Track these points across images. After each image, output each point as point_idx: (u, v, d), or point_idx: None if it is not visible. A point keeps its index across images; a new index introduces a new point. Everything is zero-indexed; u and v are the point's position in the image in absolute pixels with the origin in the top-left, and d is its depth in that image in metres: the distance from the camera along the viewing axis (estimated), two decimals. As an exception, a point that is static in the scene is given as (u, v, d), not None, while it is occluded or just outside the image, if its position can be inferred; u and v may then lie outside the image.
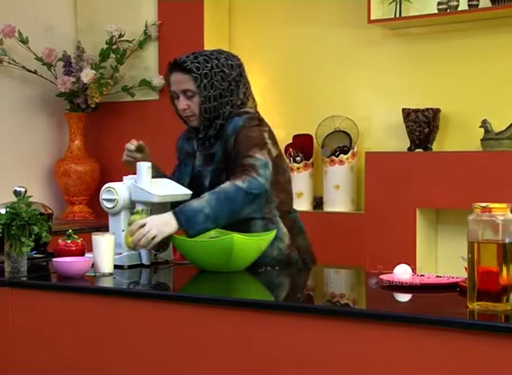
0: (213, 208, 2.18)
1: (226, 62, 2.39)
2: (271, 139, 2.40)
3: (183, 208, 2.21)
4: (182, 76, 2.36)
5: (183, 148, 2.58)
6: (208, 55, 2.38)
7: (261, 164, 2.23)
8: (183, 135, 2.63)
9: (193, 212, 2.17)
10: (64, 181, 4.18)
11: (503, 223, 1.70)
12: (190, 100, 2.38)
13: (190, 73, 2.34)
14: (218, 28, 4.13)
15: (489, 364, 1.62)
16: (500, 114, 3.42)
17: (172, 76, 2.39)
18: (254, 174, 2.20)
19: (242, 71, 2.43)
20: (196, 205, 2.18)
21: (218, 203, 2.18)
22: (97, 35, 4.20)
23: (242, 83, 2.42)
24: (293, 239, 2.47)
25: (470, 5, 3.41)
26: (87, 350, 2.14)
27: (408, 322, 1.72)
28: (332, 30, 3.88)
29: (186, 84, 2.36)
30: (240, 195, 2.18)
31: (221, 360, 1.93)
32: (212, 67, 2.35)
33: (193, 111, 2.40)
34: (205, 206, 2.17)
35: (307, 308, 1.88)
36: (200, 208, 2.17)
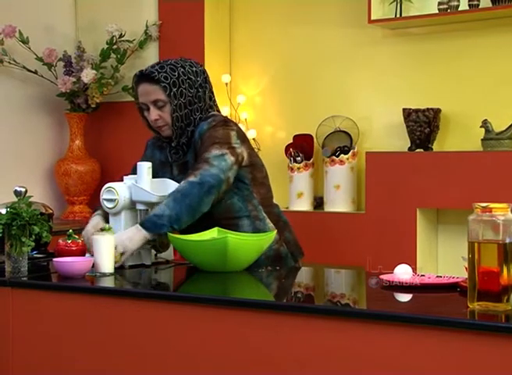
0: (172, 208, 2.22)
1: (191, 68, 2.40)
2: (239, 138, 2.40)
3: (147, 217, 2.27)
4: (150, 86, 2.37)
5: (155, 157, 2.56)
6: (173, 64, 2.39)
7: (214, 156, 2.26)
8: (151, 144, 2.60)
9: (156, 217, 2.23)
10: (64, 181, 4.18)
11: (504, 223, 1.70)
12: (160, 110, 2.38)
13: (159, 83, 2.35)
14: (219, 28, 4.13)
15: (490, 364, 1.61)
16: (501, 114, 3.42)
17: (140, 88, 2.39)
18: (207, 166, 2.24)
19: (206, 77, 2.45)
20: (157, 211, 2.24)
21: (176, 203, 2.22)
22: (98, 35, 4.20)
23: (207, 89, 2.44)
24: (280, 233, 2.48)
25: (470, 5, 3.41)
26: (88, 350, 2.14)
27: (408, 322, 1.71)
28: (332, 30, 3.88)
29: (155, 95, 2.37)
30: (195, 189, 2.21)
31: (221, 360, 1.93)
32: (179, 75, 2.36)
33: (165, 120, 2.40)
34: (165, 209, 2.23)
35: (306, 308, 1.88)
36: (161, 213, 2.23)
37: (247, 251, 2.32)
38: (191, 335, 1.98)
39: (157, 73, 2.35)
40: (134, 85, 2.42)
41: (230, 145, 2.34)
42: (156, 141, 2.57)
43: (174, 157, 2.47)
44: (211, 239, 2.36)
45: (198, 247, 2.33)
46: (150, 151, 2.59)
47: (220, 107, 4.07)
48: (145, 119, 2.47)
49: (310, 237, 3.70)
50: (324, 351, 1.80)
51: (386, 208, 3.45)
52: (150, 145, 2.61)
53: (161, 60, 2.46)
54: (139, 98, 2.41)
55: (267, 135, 4.09)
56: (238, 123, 4.01)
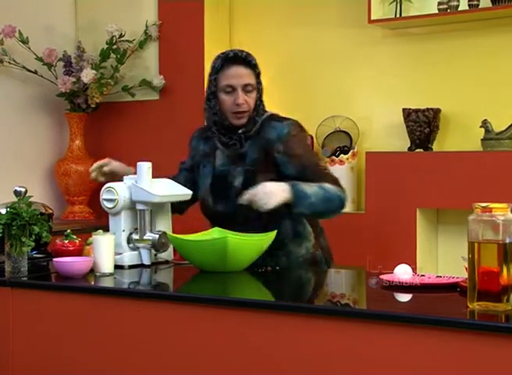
0: (317, 200, 2.28)
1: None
2: None
3: (297, 187, 2.28)
4: (245, 70, 2.36)
5: (199, 149, 2.56)
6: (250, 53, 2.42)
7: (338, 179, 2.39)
8: (197, 135, 2.61)
9: (304, 194, 2.27)
10: (64, 181, 4.18)
11: (504, 223, 1.70)
12: (247, 95, 2.37)
13: (254, 68, 2.37)
14: (219, 28, 4.13)
15: (490, 364, 1.61)
16: (501, 114, 3.42)
17: (233, 70, 2.36)
18: (342, 189, 2.37)
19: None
20: (308, 191, 2.28)
21: (322, 199, 2.29)
22: (98, 35, 4.20)
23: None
24: (316, 239, 2.52)
25: (470, 5, 3.41)
26: (88, 350, 2.14)
27: (408, 322, 1.72)
28: (332, 31, 3.88)
29: (248, 79, 2.36)
30: (337, 202, 2.34)
31: (221, 360, 1.93)
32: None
33: (249, 106, 2.38)
34: (313, 195, 2.28)
35: (306, 309, 1.88)
36: (309, 195, 2.28)
37: (247, 252, 2.32)
38: (191, 335, 1.98)
39: (251, 59, 2.38)
40: (220, 65, 2.38)
41: None
42: (202, 132, 2.57)
43: (230, 146, 2.43)
44: (211, 239, 2.36)
45: (198, 247, 2.33)
46: (195, 142, 2.60)
47: (220, 107, 4.13)
48: (216, 102, 2.41)
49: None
50: (324, 352, 1.80)
51: (386, 209, 3.45)
52: (195, 137, 2.61)
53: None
54: (225, 79, 2.37)
55: (267, 135, 4.08)
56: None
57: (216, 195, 2.44)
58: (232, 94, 2.37)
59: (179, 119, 4.09)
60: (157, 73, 4.14)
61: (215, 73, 2.39)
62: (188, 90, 4.06)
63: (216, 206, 2.46)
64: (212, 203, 2.46)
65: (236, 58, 2.37)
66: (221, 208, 2.46)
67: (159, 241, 2.44)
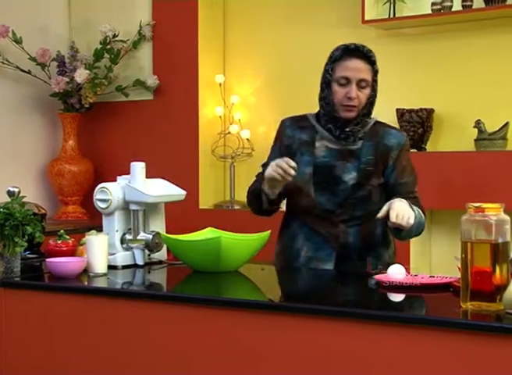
0: (415, 223, 2.26)
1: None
2: None
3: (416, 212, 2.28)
4: (363, 64, 2.32)
5: (296, 137, 2.45)
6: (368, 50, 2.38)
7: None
8: (289, 124, 2.50)
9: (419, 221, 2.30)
10: (58, 181, 4.17)
11: (496, 223, 1.70)
12: (360, 90, 2.33)
13: (373, 65, 2.33)
14: (213, 28, 4.13)
15: (483, 363, 1.62)
16: (494, 114, 3.43)
17: (352, 62, 2.33)
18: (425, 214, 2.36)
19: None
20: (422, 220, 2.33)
21: (418, 223, 2.29)
22: (91, 35, 4.20)
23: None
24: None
25: (464, 6, 3.41)
26: (81, 350, 2.14)
27: (402, 322, 1.72)
28: (326, 31, 3.88)
29: (365, 74, 2.32)
30: (422, 227, 2.35)
31: (213, 360, 1.93)
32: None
33: (360, 101, 2.33)
34: (423, 222, 2.34)
35: (298, 309, 1.87)
36: (423, 223, 2.35)
37: (240, 252, 2.32)
38: (184, 335, 1.98)
39: (372, 55, 2.34)
40: (339, 56, 2.37)
41: None
42: (294, 121, 2.49)
43: (342, 140, 2.37)
44: (205, 239, 2.36)
45: (192, 247, 2.33)
46: (290, 131, 2.47)
47: (214, 107, 4.13)
48: (328, 93, 2.37)
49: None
50: (317, 352, 1.80)
51: (380, 209, 3.45)
52: (288, 126, 2.50)
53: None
54: (342, 70, 2.34)
55: (260, 135, 4.08)
56: (232, 124, 4.04)
57: (319, 186, 2.36)
58: (345, 86, 2.33)
59: (173, 119, 4.09)
60: (151, 73, 4.14)
61: (331, 62, 2.37)
62: (182, 90, 4.06)
63: (318, 197, 2.36)
64: (314, 193, 2.37)
65: (357, 51, 2.34)
66: (323, 201, 2.36)
67: (153, 241, 2.44)
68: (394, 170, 2.37)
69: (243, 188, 4.14)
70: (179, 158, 4.06)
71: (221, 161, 4.10)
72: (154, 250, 2.46)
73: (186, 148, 4.06)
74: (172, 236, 2.39)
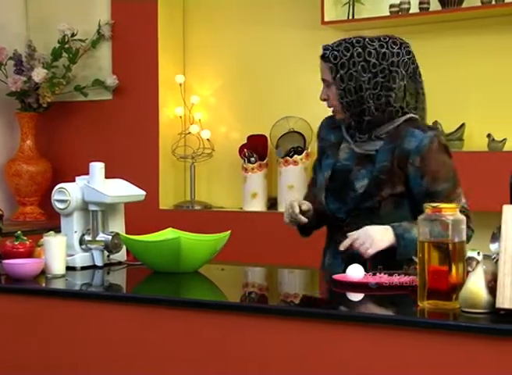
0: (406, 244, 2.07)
1: (376, 49, 2.12)
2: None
3: (405, 234, 2.06)
4: (322, 64, 2.20)
5: (327, 138, 2.31)
6: (353, 43, 2.15)
7: (471, 215, 2.08)
8: (325, 124, 2.36)
9: (412, 239, 1.99)
10: (15, 182, 4.11)
11: (453, 222, 1.73)
12: (328, 90, 2.19)
13: (327, 62, 2.17)
14: (173, 28, 4.12)
15: (439, 361, 1.64)
16: (450, 115, 3.48)
17: (320, 64, 2.22)
18: (471, 225, 2.08)
19: (400, 61, 2.15)
20: (415, 237, 1.85)
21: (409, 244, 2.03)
22: (49, 34, 4.15)
23: (398, 76, 2.15)
24: None
25: (421, 8, 3.46)
26: (38, 352, 2.11)
27: (360, 321, 1.73)
28: (286, 32, 3.90)
29: (323, 73, 2.19)
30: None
31: (172, 360, 1.93)
32: (352, 56, 2.13)
33: (331, 103, 2.20)
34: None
35: (257, 309, 1.88)
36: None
37: (201, 252, 2.32)
38: (144, 336, 1.97)
39: (328, 52, 2.16)
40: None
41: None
42: (330, 121, 2.33)
43: (358, 141, 2.20)
44: (164, 240, 2.36)
45: (151, 247, 2.32)
46: (325, 132, 2.34)
47: (174, 107, 4.12)
48: None
49: (264, 237, 3.71)
50: (275, 351, 1.80)
51: (339, 209, 3.48)
52: (324, 126, 2.36)
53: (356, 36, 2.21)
54: None
55: (221, 136, 4.09)
56: (192, 124, 4.03)
57: (332, 192, 2.21)
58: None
59: (133, 119, 4.07)
60: (110, 72, 4.11)
61: None
62: (142, 90, 4.04)
63: (330, 205, 2.22)
64: (326, 200, 2.23)
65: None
66: (334, 209, 2.22)
67: (112, 241, 2.42)
68: (423, 179, 2.10)
69: (203, 188, 4.16)
70: (139, 159, 4.04)
71: (181, 161, 4.09)
72: (114, 251, 2.44)
73: (146, 148, 4.04)
74: (132, 236, 2.38)
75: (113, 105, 4.11)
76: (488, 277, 1.66)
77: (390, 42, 2.17)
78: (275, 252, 3.50)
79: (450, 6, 3.38)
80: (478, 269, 1.67)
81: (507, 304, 1.61)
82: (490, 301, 1.64)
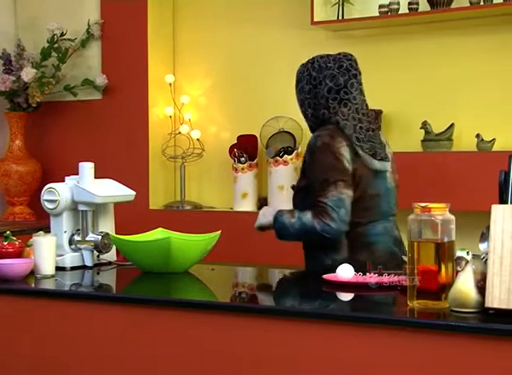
0: (294, 230, 2.29)
1: (321, 64, 2.36)
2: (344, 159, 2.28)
3: (279, 218, 2.32)
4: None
5: None
6: (310, 60, 2.41)
7: (335, 206, 2.22)
8: None
9: (283, 225, 2.30)
10: (4, 182, 4.10)
11: (442, 222, 1.74)
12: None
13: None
14: (162, 28, 4.11)
15: (429, 361, 1.65)
16: (440, 115, 3.49)
17: None
18: (327, 220, 2.22)
19: (335, 74, 2.33)
20: (287, 222, 2.29)
21: (299, 230, 2.27)
22: (38, 33, 4.13)
23: (326, 87, 2.34)
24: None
25: (410, 9, 3.47)
26: (28, 353, 2.11)
27: (350, 321, 1.74)
28: (276, 32, 3.90)
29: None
30: (315, 235, 2.25)
31: (162, 360, 1.93)
32: (303, 71, 2.39)
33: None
34: (291, 226, 2.29)
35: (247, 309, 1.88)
36: (288, 226, 2.30)
37: (191, 252, 2.32)
38: (134, 336, 1.97)
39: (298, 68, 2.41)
40: None
41: (342, 180, 2.25)
42: None
43: None
44: (154, 240, 2.35)
45: (141, 248, 2.32)
46: None
47: (164, 107, 4.11)
48: None
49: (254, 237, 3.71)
50: (266, 351, 1.81)
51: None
52: None
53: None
54: None
55: (211, 136, 4.08)
56: (182, 124, 4.03)
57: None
58: None
59: (122, 119, 4.06)
60: (99, 72, 4.10)
61: None
62: (131, 89, 4.03)
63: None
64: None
65: None
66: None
67: (102, 242, 2.42)
68: (308, 173, 2.35)
69: (193, 188, 4.15)
70: (129, 159, 4.03)
71: (171, 161, 4.08)
72: (103, 251, 2.44)
73: (135, 148, 4.04)
74: (122, 237, 2.37)
75: (103, 104, 4.10)
76: (477, 277, 1.67)
77: (331, 56, 2.39)
78: (266, 252, 3.50)
79: (439, 7, 3.39)
80: (468, 268, 1.68)
81: (496, 303, 1.61)
82: (479, 300, 1.65)
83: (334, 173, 2.24)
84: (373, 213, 2.30)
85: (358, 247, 2.30)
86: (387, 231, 2.33)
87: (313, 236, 2.24)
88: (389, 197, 2.35)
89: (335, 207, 2.20)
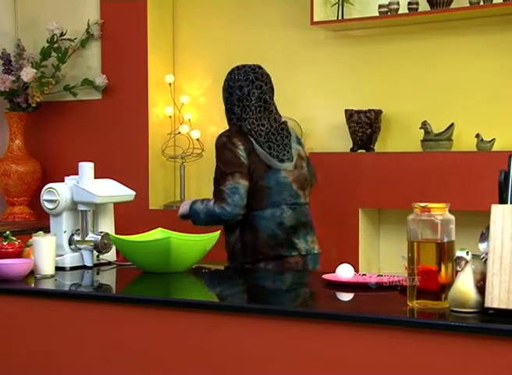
0: (203, 216, 2.65)
1: (231, 76, 2.77)
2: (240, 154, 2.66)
3: (194, 205, 2.68)
4: None
5: None
6: (230, 70, 2.80)
7: (231, 192, 2.60)
8: None
9: (195, 212, 2.66)
10: (4, 182, 4.10)
11: (442, 222, 1.73)
12: None
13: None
14: (162, 28, 4.11)
15: (429, 361, 1.65)
16: (440, 115, 3.49)
17: None
18: (224, 204, 2.59)
19: (241, 85, 2.74)
20: (198, 209, 2.66)
21: (206, 214, 2.64)
22: (38, 33, 4.13)
23: (241, 96, 2.74)
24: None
25: (410, 9, 3.47)
26: (28, 353, 2.11)
27: (349, 321, 1.74)
28: (275, 31, 3.90)
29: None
30: (216, 218, 2.62)
31: (163, 360, 1.93)
32: (225, 80, 2.79)
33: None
34: (200, 212, 2.65)
35: (247, 309, 1.88)
36: (198, 212, 2.66)
37: (190, 252, 2.32)
38: (134, 336, 1.97)
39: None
40: None
41: (237, 170, 2.64)
42: None
43: None
44: (154, 240, 2.35)
45: (141, 248, 2.32)
46: None
47: (163, 107, 4.11)
48: None
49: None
50: (265, 351, 1.81)
51: (329, 209, 3.49)
52: None
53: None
54: None
55: (211, 135, 4.07)
56: (182, 124, 4.03)
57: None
58: None
59: (122, 119, 4.06)
60: (99, 72, 4.10)
61: None
62: (131, 89, 4.03)
63: None
64: None
65: None
66: None
67: (101, 242, 2.42)
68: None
69: (193, 188, 4.15)
70: (129, 159, 4.03)
71: (171, 161, 4.08)
72: (103, 251, 2.44)
73: (135, 148, 4.04)
74: (122, 237, 2.37)
75: (102, 104, 4.10)
76: (477, 277, 1.67)
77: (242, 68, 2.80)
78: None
79: (439, 7, 3.39)
80: (467, 268, 1.68)
81: (496, 303, 1.61)
82: (479, 300, 1.65)
83: (231, 166, 2.62)
84: (263, 202, 2.64)
85: (246, 229, 2.66)
86: (274, 217, 2.65)
87: (215, 219, 2.62)
88: (281, 189, 2.67)
89: (230, 193, 2.58)
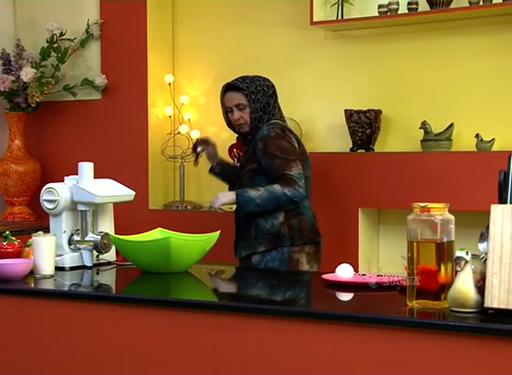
0: (263, 201, 2.75)
1: (264, 83, 3.00)
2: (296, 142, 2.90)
3: (243, 193, 2.77)
4: (235, 94, 2.95)
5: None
6: (251, 77, 3.00)
7: (299, 177, 2.79)
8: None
9: (249, 198, 2.76)
10: (4, 182, 4.10)
11: (441, 222, 1.74)
12: (241, 111, 2.94)
13: (242, 91, 2.94)
14: (162, 28, 4.11)
15: (428, 361, 1.65)
16: (439, 115, 3.49)
17: (226, 96, 2.97)
18: (297, 187, 2.76)
19: (275, 90, 3.01)
20: (252, 195, 2.77)
21: (267, 199, 2.75)
22: (38, 33, 4.13)
23: (274, 99, 3.00)
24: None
25: (409, 9, 3.47)
26: (28, 353, 2.11)
27: (349, 320, 1.74)
28: (275, 32, 3.90)
29: (238, 100, 2.94)
30: (285, 199, 2.76)
31: (163, 360, 1.93)
32: (257, 86, 2.96)
33: (245, 120, 2.95)
34: (258, 198, 2.76)
35: (247, 309, 1.88)
36: (253, 198, 2.75)
37: (190, 252, 2.32)
38: (133, 336, 1.97)
39: (239, 83, 2.95)
40: (222, 94, 3.00)
41: (297, 158, 2.83)
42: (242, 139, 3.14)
43: (244, 147, 3.05)
44: (154, 240, 2.35)
45: (141, 248, 2.32)
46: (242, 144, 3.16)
47: (163, 107, 4.12)
48: (228, 120, 3.02)
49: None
50: (265, 351, 1.81)
51: (329, 209, 3.49)
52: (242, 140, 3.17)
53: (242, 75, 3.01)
54: (225, 103, 2.98)
55: (210, 135, 4.05)
56: (181, 124, 4.03)
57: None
58: (232, 113, 2.96)
59: (122, 119, 4.06)
60: (99, 72, 4.10)
61: (221, 99, 3.01)
62: (131, 89, 4.03)
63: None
64: None
65: (229, 87, 2.97)
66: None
67: (101, 242, 2.42)
68: (263, 158, 2.84)
69: (192, 188, 4.15)
70: (129, 159, 4.03)
71: (170, 161, 4.08)
72: (103, 251, 2.44)
73: (135, 148, 4.04)
74: (121, 237, 2.37)
75: (102, 104, 4.10)
76: (476, 277, 1.67)
77: (265, 78, 3.04)
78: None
79: (439, 7, 3.39)
80: (467, 268, 1.68)
81: (496, 303, 1.62)
82: (479, 300, 1.65)
83: (292, 154, 2.83)
84: (306, 191, 2.85)
85: (293, 214, 2.84)
86: (310, 207, 2.95)
87: (282, 202, 2.75)
88: (310, 182, 2.94)
89: (299, 177, 2.78)
